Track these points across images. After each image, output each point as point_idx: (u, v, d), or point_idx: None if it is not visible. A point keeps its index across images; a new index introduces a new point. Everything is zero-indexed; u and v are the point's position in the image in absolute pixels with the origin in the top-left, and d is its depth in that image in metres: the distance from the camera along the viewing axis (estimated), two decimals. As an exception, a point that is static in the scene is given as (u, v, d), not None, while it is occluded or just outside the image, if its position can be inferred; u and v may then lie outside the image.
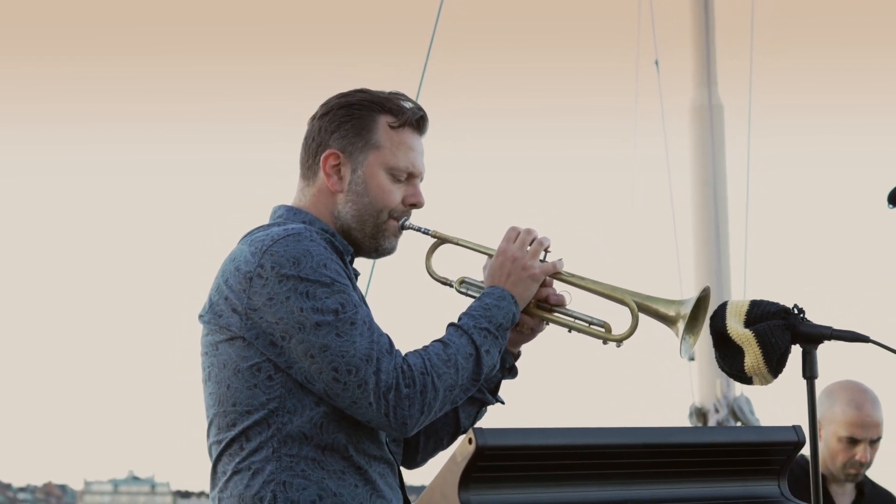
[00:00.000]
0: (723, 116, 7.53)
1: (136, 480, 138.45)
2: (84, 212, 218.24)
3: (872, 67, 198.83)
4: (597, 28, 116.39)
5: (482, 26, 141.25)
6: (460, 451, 1.73)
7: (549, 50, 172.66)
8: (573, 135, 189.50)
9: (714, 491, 1.89)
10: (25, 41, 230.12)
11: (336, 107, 2.77)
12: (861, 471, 4.49)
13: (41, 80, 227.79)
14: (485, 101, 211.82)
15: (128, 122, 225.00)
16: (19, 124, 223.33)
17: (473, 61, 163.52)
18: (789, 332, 2.44)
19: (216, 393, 2.60)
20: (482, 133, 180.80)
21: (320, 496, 2.52)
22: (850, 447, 4.46)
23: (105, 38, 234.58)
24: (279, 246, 2.56)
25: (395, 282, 5.66)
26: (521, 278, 2.70)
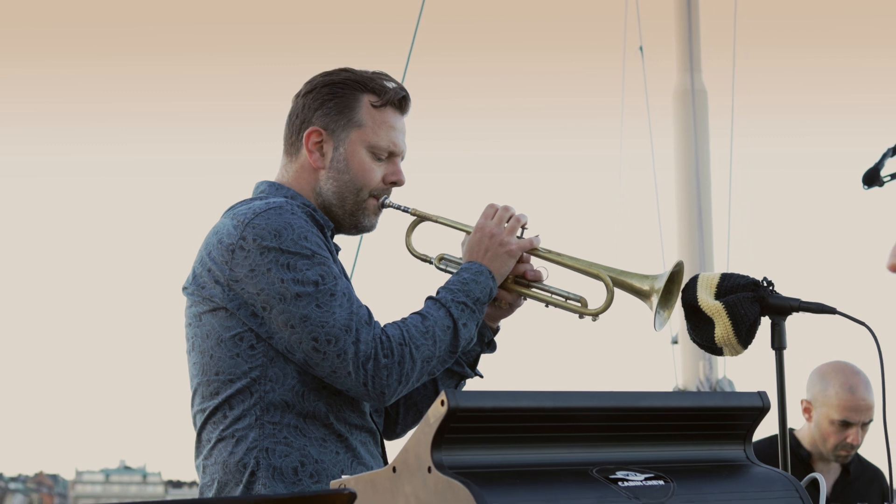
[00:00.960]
0: (706, 101, 7.60)
1: (127, 470, 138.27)
2: (76, 207, 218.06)
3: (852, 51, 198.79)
4: (583, 16, 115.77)
5: (463, 26, 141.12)
6: (432, 413, 1.77)
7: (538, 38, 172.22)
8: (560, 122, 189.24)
9: (681, 454, 1.94)
10: (25, 41, 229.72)
11: (320, 85, 2.82)
12: (851, 453, 4.51)
13: (40, 80, 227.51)
14: (467, 98, 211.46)
15: (126, 122, 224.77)
16: (19, 124, 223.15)
17: (455, 61, 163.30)
18: (758, 303, 2.49)
19: (199, 363, 2.65)
20: (465, 132, 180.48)
21: (302, 463, 2.58)
22: (843, 430, 4.48)
23: (104, 38, 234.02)
24: (261, 219, 2.61)
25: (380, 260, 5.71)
26: (499, 254, 2.75)
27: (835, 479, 4.63)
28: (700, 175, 7.39)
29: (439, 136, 61.34)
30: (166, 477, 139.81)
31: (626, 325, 2.95)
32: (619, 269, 2.74)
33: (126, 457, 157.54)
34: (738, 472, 1.95)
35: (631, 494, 1.79)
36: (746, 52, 9.28)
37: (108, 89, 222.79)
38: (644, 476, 1.84)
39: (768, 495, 1.87)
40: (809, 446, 4.58)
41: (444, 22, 17.78)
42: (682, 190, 7.53)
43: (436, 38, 7.54)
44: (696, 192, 7.37)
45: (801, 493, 1.91)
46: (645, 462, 1.88)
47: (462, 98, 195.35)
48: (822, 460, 4.58)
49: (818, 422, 4.54)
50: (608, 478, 1.82)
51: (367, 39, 36.44)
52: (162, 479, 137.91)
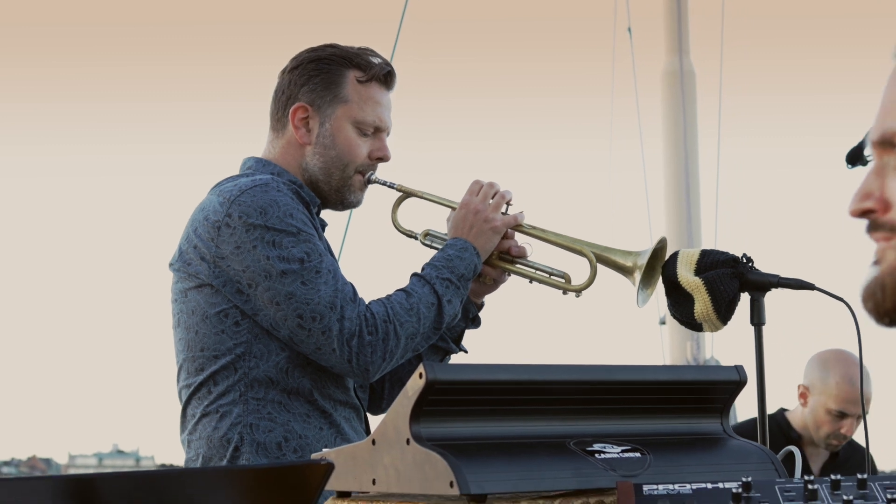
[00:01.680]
0: (694, 82, 7.60)
1: (120, 454, 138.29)
2: (73, 204, 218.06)
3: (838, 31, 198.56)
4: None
5: (447, 26, 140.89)
6: (411, 386, 1.79)
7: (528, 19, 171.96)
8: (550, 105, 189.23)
9: (658, 427, 1.95)
10: (25, 41, 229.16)
11: (306, 61, 2.82)
12: (842, 443, 4.50)
13: (40, 80, 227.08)
14: (451, 97, 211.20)
15: (126, 122, 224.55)
16: (19, 124, 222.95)
17: (438, 61, 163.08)
18: (738, 279, 2.51)
19: (185, 339, 2.67)
20: (448, 132, 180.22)
21: (286, 438, 2.60)
22: (838, 420, 4.47)
23: (104, 38, 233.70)
24: (247, 196, 2.62)
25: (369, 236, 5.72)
26: (484, 230, 2.77)
27: (823, 461, 4.63)
28: (688, 156, 7.40)
29: (423, 136, 61.19)
30: (159, 461, 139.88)
31: (614, 306, 2.97)
32: (602, 246, 2.75)
33: (119, 440, 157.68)
34: (715, 444, 1.96)
35: (607, 466, 1.81)
36: (735, 34, 9.29)
37: (107, 89, 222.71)
38: (621, 448, 1.85)
39: (744, 467, 1.89)
40: (800, 429, 4.58)
41: (427, 22, 17.68)
42: (671, 171, 7.54)
43: (419, 38, 7.52)
44: (684, 173, 7.39)
45: (776, 466, 1.93)
46: (622, 434, 1.90)
47: (445, 96, 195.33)
48: (811, 444, 4.58)
49: (814, 409, 4.53)
50: (585, 450, 1.83)
51: (349, 41, 36.72)
52: (155, 463, 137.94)
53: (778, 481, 1.71)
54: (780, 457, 1.99)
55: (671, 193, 7.47)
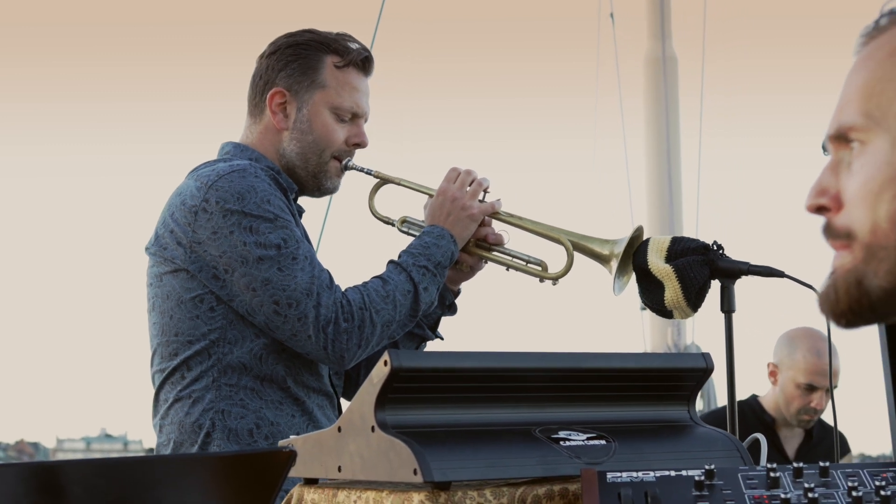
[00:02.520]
0: (676, 68, 7.60)
1: (108, 438, 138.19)
2: (70, 203, 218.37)
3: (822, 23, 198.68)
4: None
5: (423, 27, 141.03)
6: (376, 373, 1.79)
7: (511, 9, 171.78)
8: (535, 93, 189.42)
9: (625, 414, 1.95)
10: (25, 41, 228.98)
11: (284, 46, 2.81)
12: (814, 418, 4.55)
13: (40, 80, 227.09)
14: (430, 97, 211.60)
15: (126, 122, 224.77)
16: (19, 124, 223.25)
17: (415, 61, 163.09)
18: (708, 267, 2.51)
19: (160, 323, 2.66)
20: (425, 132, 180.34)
21: (258, 425, 2.60)
22: (807, 394, 4.51)
23: (104, 38, 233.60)
24: (224, 181, 2.61)
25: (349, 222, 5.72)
26: (461, 218, 2.77)
27: (798, 443, 4.67)
28: (670, 145, 7.39)
29: (401, 137, 61.36)
30: (147, 445, 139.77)
31: (594, 292, 2.97)
32: (579, 234, 2.75)
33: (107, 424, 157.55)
34: (681, 431, 1.97)
35: (572, 454, 1.81)
36: (717, 20, 9.30)
37: (107, 89, 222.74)
38: (586, 436, 1.86)
39: (710, 455, 1.89)
40: (773, 412, 4.62)
41: (404, 21, 17.66)
42: (653, 159, 7.55)
43: (395, 38, 7.48)
44: (666, 163, 7.39)
45: (742, 453, 1.93)
46: (588, 422, 1.90)
47: (423, 97, 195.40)
48: (785, 426, 4.61)
49: (783, 385, 4.58)
50: (550, 437, 1.83)
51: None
52: (143, 447, 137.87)
53: (741, 469, 1.71)
54: (746, 444, 1.99)
55: (653, 184, 7.48)
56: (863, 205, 1.19)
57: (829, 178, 1.24)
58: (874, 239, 1.19)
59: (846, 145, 1.22)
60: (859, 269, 1.20)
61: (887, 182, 1.17)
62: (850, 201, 1.21)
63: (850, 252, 1.21)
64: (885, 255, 1.18)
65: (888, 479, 1.67)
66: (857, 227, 1.20)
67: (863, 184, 1.19)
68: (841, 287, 1.21)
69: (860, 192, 1.19)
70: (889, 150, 1.18)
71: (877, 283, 1.19)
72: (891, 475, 1.67)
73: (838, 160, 1.23)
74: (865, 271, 1.19)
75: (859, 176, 1.20)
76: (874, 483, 1.66)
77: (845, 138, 1.22)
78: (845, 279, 1.21)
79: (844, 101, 1.23)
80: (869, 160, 1.19)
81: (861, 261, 1.20)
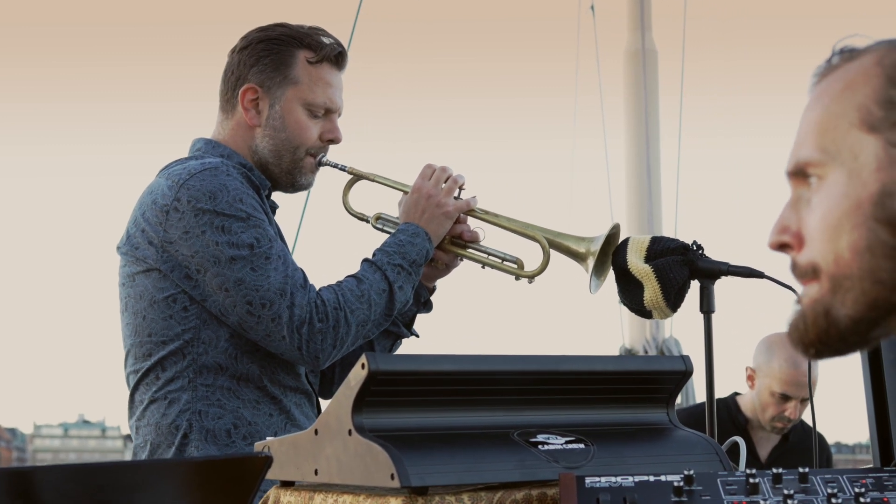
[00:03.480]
0: (656, 61, 7.59)
1: (86, 424, 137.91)
2: (66, 202, 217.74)
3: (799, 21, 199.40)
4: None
5: (400, 27, 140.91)
6: (353, 376, 1.77)
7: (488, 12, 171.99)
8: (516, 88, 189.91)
9: (603, 417, 1.94)
10: (25, 41, 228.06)
11: (255, 41, 2.78)
12: (787, 425, 4.52)
13: (40, 80, 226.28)
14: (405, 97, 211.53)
15: (126, 122, 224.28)
16: (19, 124, 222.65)
17: (391, 61, 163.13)
18: (687, 267, 2.50)
19: (133, 323, 2.63)
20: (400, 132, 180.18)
21: (235, 425, 2.57)
22: (782, 402, 4.50)
23: (104, 38, 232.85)
24: (196, 180, 2.58)
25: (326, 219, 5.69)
26: (436, 215, 2.75)
27: (774, 444, 4.66)
28: (650, 140, 7.39)
29: (376, 137, 60.12)
30: (125, 431, 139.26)
31: (572, 286, 2.96)
32: (555, 231, 2.74)
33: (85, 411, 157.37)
34: (660, 435, 1.96)
35: (550, 458, 1.80)
36: (697, 14, 9.31)
37: (108, 89, 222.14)
38: (564, 440, 1.85)
39: (688, 458, 1.89)
40: (749, 413, 4.61)
41: (380, 22, 17.56)
42: (633, 147, 7.53)
43: (373, 39, 7.49)
44: (645, 148, 7.38)
45: (721, 456, 1.93)
46: (566, 425, 1.89)
47: (399, 97, 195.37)
48: (759, 428, 4.61)
49: (759, 391, 4.56)
50: (528, 441, 1.82)
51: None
52: (121, 433, 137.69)
53: (720, 474, 1.71)
54: (725, 447, 1.98)
55: (632, 179, 7.48)
56: (824, 238, 1.21)
57: (789, 216, 1.26)
58: (838, 269, 1.20)
59: (804, 181, 1.24)
60: (826, 300, 1.22)
61: (846, 214, 1.19)
62: (812, 236, 1.22)
63: (817, 284, 1.22)
64: (850, 284, 1.20)
65: (867, 485, 1.66)
66: (820, 260, 1.21)
67: (822, 217, 1.21)
68: (809, 317, 1.23)
69: (820, 226, 1.21)
70: (846, 183, 1.19)
71: (844, 313, 1.21)
72: (870, 481, 1.67)
73: (797, 197, 1.25)
74: (832, 302, 1.21)
75: (818, 210, 1.21)
76: (853, 490, 1.66)
77: (803, 174, 1.24)
78: (813, 309, 1.23)
79: (801, 137, 1.25)
80: (827, 194, 1.21)
81: (828, 292, 1.22)
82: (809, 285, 1.23)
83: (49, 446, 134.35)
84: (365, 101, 27.10)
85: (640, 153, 7.39)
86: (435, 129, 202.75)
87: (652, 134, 7.41)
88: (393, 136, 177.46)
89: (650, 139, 7.36)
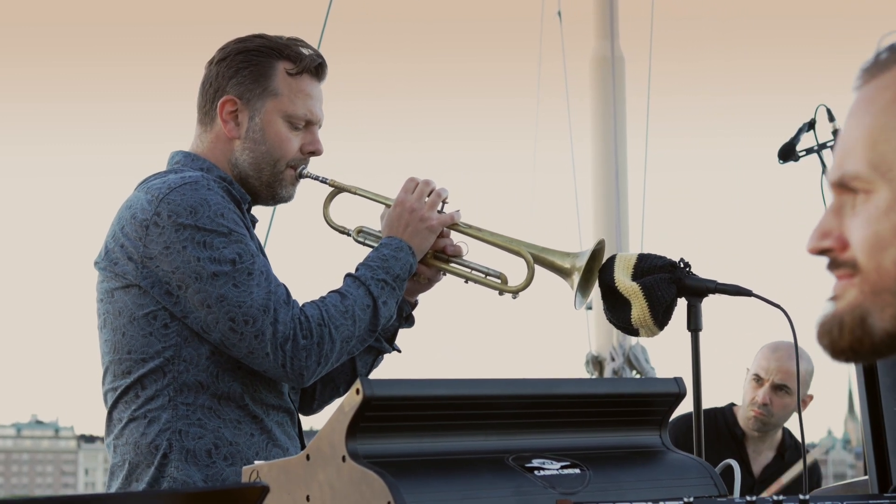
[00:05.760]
0: (624, 68, 7.59)
1: (39, 424, 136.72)
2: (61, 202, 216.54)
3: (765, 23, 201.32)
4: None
5: (371, 27, 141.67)
6: (348, 402, 1.74)
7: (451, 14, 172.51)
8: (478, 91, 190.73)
9: (597, 441, 1.93)
10: (25, 41, 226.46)
11: (234, 52, 2.74)
12: (760, 414, 4.50)
13: (41, 80, 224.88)
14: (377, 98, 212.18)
15: (126, 122, 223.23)
16: (19, 124, 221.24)
17: (356, 62, 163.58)
18: (675, 285, 2.49)
19: (111, 340, 2.59)
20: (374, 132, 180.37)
21: (216, 445, 2.53)
22: (757, 387, 4.52)
23: (104, 38, 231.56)
24: (176, 194, 2.54)
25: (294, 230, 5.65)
26: (419, 229, 2.72)
27: (767, 461, 4.64)
28: (617, 145, 7.39)
29: (338, 136, 61.21)
30: (78, 431, 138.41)
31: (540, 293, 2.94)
32: (540, 247, 2.72)
33: (38, 411, 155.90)
34: (654, 458, 1.95)
35: (547, 483, 1.78)
36: (664, 19, 9.35)
37: (108, 89, 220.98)
38: (560, 464, 1.83)
39: (683, 482, 1.88)
40: (744, 425, 4.61)
41: (347, 23, 17.52)
42: (599, 153, 7.52)
43: (342, 40, 7.46)
44: (613, 156, 7.37)
45: (715, 480, 1.92)
46: (561, 449, 1.88)
47: (367, 97, 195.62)
48: (751, 440, 4.60)
49: (745, 385, 4.59)
50: (524, 466, 1.80)
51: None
52: (74, 434, 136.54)
53: (719, 500, 1.69)
54: (718, 470, 1.97)
55: (599, 180, 7.47)
56: (868, 249, 1.20)
57: (831, 221, 1.24)
58: (880, 279, 1.19)
59: (850, 192, 1.22)
60: (865, 307, 1.21)
61: (892, 232, 1.18)
62: (856, 244, 1.21)
63: (853, 283, 1.21)
64: (891, 300, 1.19)
65: (869, 512, 1.65)
66: (863, 262, 1.21)
67: (867, 231, 1.20)
68: (847, 323, 1.21)
69: (865, 238, 1.20)
70: (894, 199, 1.18)
71: (881, 326, 1.20)
72: (871, 508, 1.66)
73: (841, 204, 1.24)
74: (871, 310, 1.20)
75: (863, 223, 1.21)
76: (855, 517, 1.65)
77: (849, 186, 1.21)
78: (851, 315, 1.21)
79: (848, 146, 1.22)
80: (874, 209, 1.20)
81: (868, 297, 1.20)
82: (847, 285, 1.21)
83: (1, 446, 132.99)
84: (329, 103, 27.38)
85: (608, 155, 7.38)
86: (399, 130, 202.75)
87: (619, 136, 7.41)
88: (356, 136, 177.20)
89: (618, 141, 7.36)
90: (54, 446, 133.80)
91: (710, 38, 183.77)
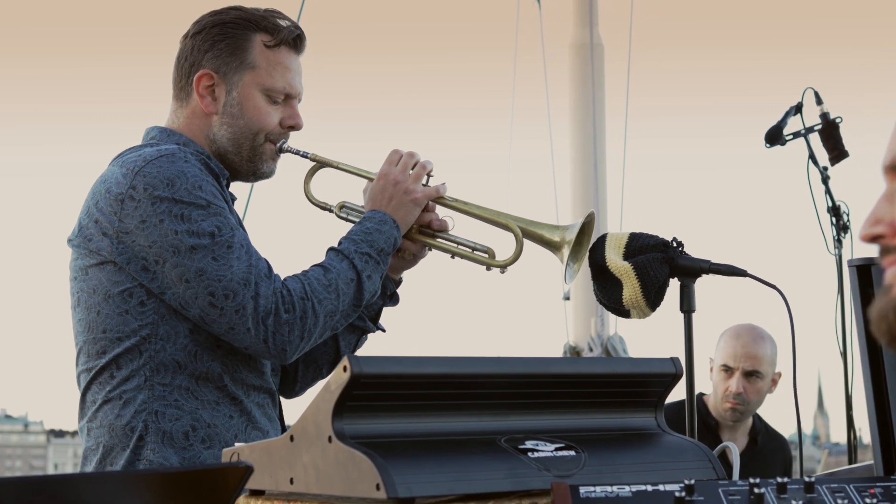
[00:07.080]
0: (603, 55, 7.53)
1: (8, 419, 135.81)
2: None
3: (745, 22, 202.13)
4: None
5: (340, 27, 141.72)
6: (334, 380, 1.67)
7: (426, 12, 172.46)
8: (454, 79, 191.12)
9: (592, 422, 1.86)
10: (25, 41, 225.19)
11: (209, 25, 2.65)
12: (736, 405, 4.48)
13: (41, 80, 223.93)
14: None
15: (126, 122, 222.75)
16: (19, 124, 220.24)
17: (330, 62, 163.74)
18: (668, 265, 2.42)
19: (85, 319, 2.50)
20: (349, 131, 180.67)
21: (193, 427, 2.45)
22: (727, 378, 4.49)
23: (107, 38, 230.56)
24: (152, 167, 2.45)
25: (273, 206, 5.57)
26: (403, 202, 2.64)
27: (741, 449, 4.61)
28: (596, 136, 7.34)
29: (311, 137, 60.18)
30: (48, 426, 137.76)
31: (519, 280, 2.87)
32: (528, 220, 2.64)
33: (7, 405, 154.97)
34: (650, 440, 1.88)
35: (541, 466, 1.72)
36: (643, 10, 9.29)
37: (107, 89, 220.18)
38: (554, 446, 1.76)
39: (680, 465, 1.81)
40: (716, 414, 4.58)
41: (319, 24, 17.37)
42: (577, 140, 7.47)
43: (314, 40, 7.35)
44: (592, 142, 7.33)
45: (713, 463, 1.85)
46: (555, 430, 1.81)
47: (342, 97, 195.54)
48: (726, 428, 4.57)
49: (714, 376, 4.56)
50: (517, 448, 1.74)
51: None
52: (44, 429, 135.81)
53: (721, 483, 1.63)
54: (716, 452, 1.91)
55: (577, 175, 7.42)
56: None
57: (884, 208, 1.22)
58: None
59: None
60: None
61: None
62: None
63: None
64: None
65: (876, 494, 1.60)
66: None
67: None
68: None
69: None
70: None
71: None
72: (879, 490, 1.60)
73: (893, 191, 1.21)
74: None
75: None
76: (862, 499, 1.59)
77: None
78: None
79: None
80: None
81: None
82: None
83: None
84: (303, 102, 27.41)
85: (587, 147, 7.34)
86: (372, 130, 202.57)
87: (598, 129, 7.37)
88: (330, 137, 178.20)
89: (597, 134, 7.31)
90: (23, 441, 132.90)
91: (691, 23, 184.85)
